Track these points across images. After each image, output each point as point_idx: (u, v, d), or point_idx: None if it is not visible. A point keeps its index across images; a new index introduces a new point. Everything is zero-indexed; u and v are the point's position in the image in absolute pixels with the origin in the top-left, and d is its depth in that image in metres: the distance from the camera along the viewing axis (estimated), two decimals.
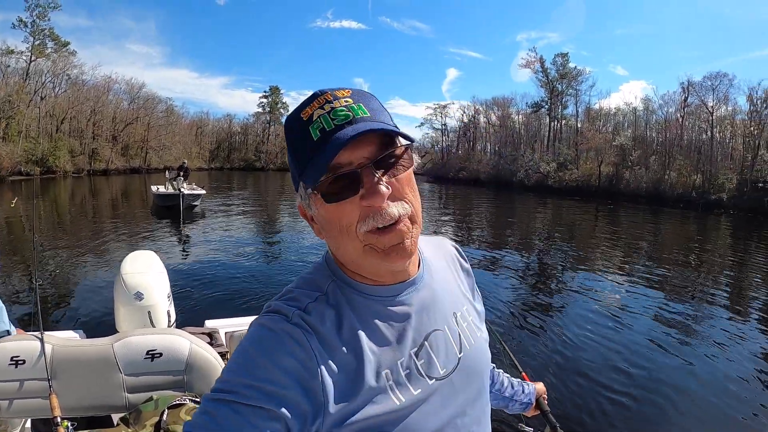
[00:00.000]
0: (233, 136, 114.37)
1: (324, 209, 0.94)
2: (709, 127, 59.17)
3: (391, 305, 1.02)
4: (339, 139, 0.87)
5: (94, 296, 9.37)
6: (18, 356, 2.74)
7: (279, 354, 0.88)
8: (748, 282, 14.51)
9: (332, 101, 0.92)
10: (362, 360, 0.93)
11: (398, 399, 0.95)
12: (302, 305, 0.95)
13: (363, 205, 0.90)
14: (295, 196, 0.99)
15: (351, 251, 0.96)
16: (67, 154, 60.63)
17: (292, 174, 0.99)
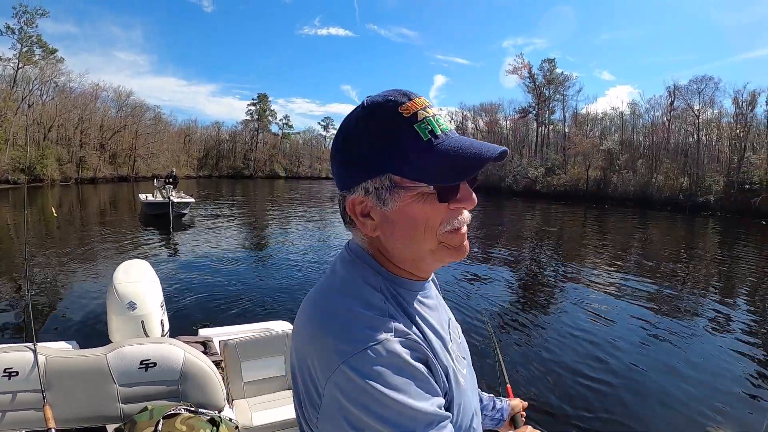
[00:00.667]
0: (221, 144, 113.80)
1: (410, 207, 0.96)
2: (695, 131, 59.68)
3: (424, 297, 1.08)
4: (489, 151, 0.93)
5: (87, 306, 9.25)
6: (11, 368, 2.73)
7: (421, 372, 0.89)
8: (735, 283, 14.63)
9: (428, 107, 0.98)
10: (434, 347, 0.99)
11: (463, 377, 1.07)
12: (392, 316, 0.95)
13: (451, 208, 0.98)
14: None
15: (425, 248, 0.99)
16: (54, 163, 60.13)
17: (367, 164, 0.97)
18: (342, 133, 1.01)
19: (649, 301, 11.37)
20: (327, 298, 1.00)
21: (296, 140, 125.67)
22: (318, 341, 0.91)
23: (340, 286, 1.01)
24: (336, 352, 0.87)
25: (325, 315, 0.95)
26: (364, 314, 0.92)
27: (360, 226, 1.01)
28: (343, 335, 0.89)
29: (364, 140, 0.97)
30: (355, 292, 0.98)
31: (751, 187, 47.37)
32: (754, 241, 26.65)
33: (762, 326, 10.05)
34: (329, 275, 1.06)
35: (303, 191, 63.62)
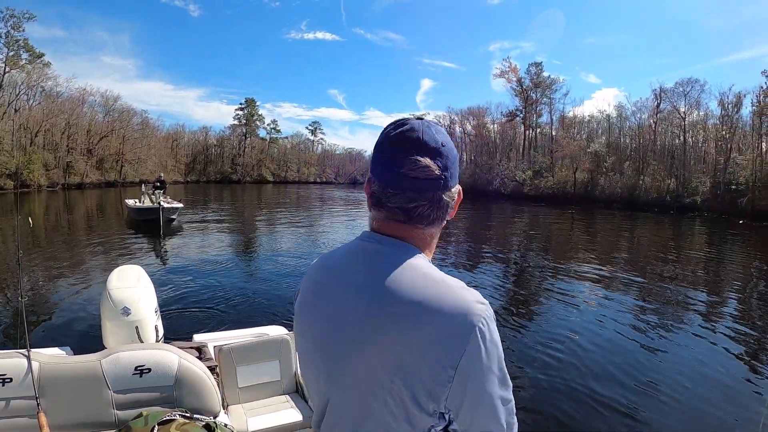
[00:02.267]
0: (209, 149, 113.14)
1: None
2: (681, 132, 60.22)
3: None
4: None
5: (81, 312, 9.17)
6: (4, 374, 2.71)
7: None
8: (723, 282, 14.73)
9: None
10: None
11: None
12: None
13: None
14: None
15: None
16: (41, 168, 59.67)
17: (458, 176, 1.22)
18: (444, 137, 1.17)
19: (638, 302, 11.44)
20: (428, 279, 1.08)
21: (284, 145, 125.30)
22: (468, 306, 1.03)
23: (428, 271, 1.11)
24: (469, 312, 1.02)
25: (441, 292, 1.05)
26: (466, 288, 1.09)
27: (451, 215, 1.22)
28: (468, 296, 1.06)
29: (454, 151, 1.18)
30: (440, 274, 1.11)
31: (738, 188, 47.82)
32: (740, 241, 26.91)
33: (750, 323, 10.12)
34: (414, 267, 1.11)
35: (291, 196, 63.54)
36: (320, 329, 1.17)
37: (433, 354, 1.00)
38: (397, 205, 1.14)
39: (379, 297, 1.06)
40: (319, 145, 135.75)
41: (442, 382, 1.01)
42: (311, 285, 1.24)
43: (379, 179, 1.16)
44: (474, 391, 1.03)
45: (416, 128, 1.15)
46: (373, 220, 1.22)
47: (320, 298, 1.19)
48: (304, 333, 1.23)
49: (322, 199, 57.04)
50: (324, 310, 1.17)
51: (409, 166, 1.11)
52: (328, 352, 1.13)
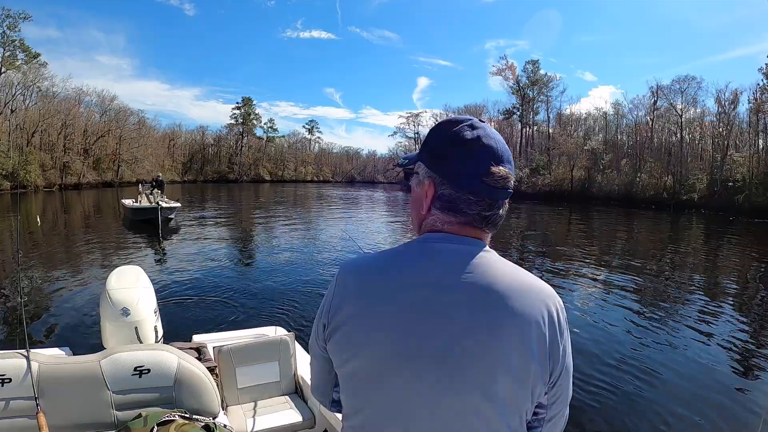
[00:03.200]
0: (206, 148, 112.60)
1: None
2: (678, 130, 60.27)
3: None
4: None
5: (80, 312, 9.18)
6: (4, 375, 2.70)
7: None
8: (720, 279, 14.76)
9: None
10: None
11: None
12: None
13: None
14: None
15: None
16: (38, 169, 59.51)
17: None
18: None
19: (635, 299, 11.47)
20: (512, 269, 1.13)
21: (281, 144, 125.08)
22: (547, 292, 1.11)
23: (510, 263, 1.16)
24: (555, 295, 1.13)
25: (526, 276, 1.13)
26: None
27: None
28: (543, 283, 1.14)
29: None
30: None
31: (735, 185, 47.90)
32: (738, 238, 26.95)
33: (748, 322, 10.14)
34: (493, 262, 1.13)
35: (289, 195, 63.44)
36: (411, 335, 1.07)
37: (547, 340, 1.07)
38: (477, 212, 1.15)
39: (491, 295, 1.06)
40: (316, 144, 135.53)
41: (551, 365, 1.09)
42: (372, 291, 1.13)
43: (455, 184, 1.15)
44: (567, 365, 1.14)
45: (490, 134, 1.18)
46: (442, 223, 1.18)
47: (394, 304, 1.10)
48: (372, 343, 1.11)
49: (319, 198, 57.01)
50: (408, 315, 1.08)
51: (492, 176, 1.13)
52: (436, 357, 1.05)
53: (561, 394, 1.15)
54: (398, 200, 55.77)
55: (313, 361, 1.37)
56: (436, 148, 1.20)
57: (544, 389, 1.09)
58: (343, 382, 1.21)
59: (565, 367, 1.13)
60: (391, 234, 24.33)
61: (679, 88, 60.09)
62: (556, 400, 1.14)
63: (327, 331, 1.20)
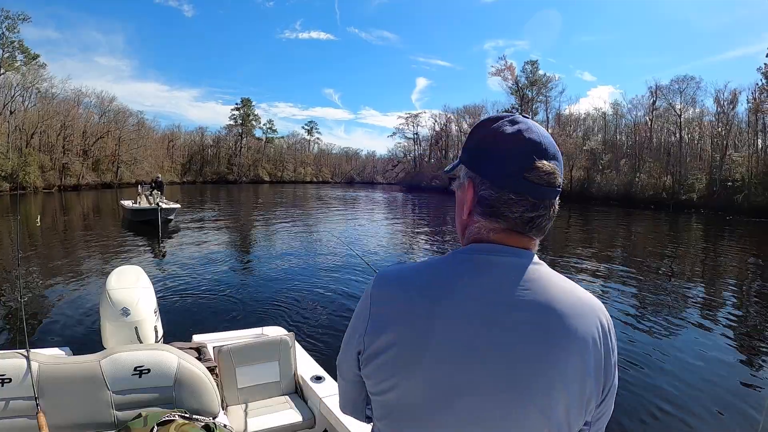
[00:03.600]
0: (205, 149, 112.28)
1: None
2: (677, 130, 60.30)
3: None
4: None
5: (80, 312, 9.20)
6: (4, 375, 2.69)
7: None
8: (720, 279, 14.75)
9: None
10: None
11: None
12: None
13: None
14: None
15: None
16: (37, 170, 59.45)
17: None
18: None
19: (634, 299, 11.48)
20: (567, 284, 1.06)
21: (280, 144, 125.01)
22: (598, 306, 1.07)
23: (563, 278, 1.08)
24: (601, 307, 1.07)
25: (580, 291, 1.06)
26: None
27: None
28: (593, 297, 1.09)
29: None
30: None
31: (734, 185, 47.97)
32: (737, 237, 26.98)
33: (747, 320, 10.16)
34: (548, 277, 1.06)
35: (288, 195, 63.42)
36: (469, 363, 0.99)
37: (602, 357, 1.04)
38: (519, 214, 1.06)
39: (551, 315, 1.00)
40: (315, 145, 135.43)
41: (604, 381, 1.05)
42: (419, 313, 1.02)
43: (495, 182, 1.06)
44: (615, 380, 1.09)
45: (533, 128, 1.08)
46: (487, 231, 1.09)
47: (447, 329, 1.00)
48: (423, 374, 1.01)
49: (319, 199, 56.99)
50: (464, 341, 0.99)
51: (536, 171, 1.04)
52: (497, 386, 0.98)
53: (607, 410, 1.11)
54: (397, 201, 55.79)
55: (342, 382, 1.27)
56: (474, 147, 1.13)
57: (595, 406, 1.05)
58: (381, 410, 1.11)
59: (614, 383, 1.08)
60: (391, 235, 24.34)
61: (678, 88, 60.29)
62: (601, 416, 1.10)
63: (363, 357, 1.11)
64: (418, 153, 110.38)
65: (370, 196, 64.45)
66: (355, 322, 1.15)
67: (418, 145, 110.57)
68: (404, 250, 19.46)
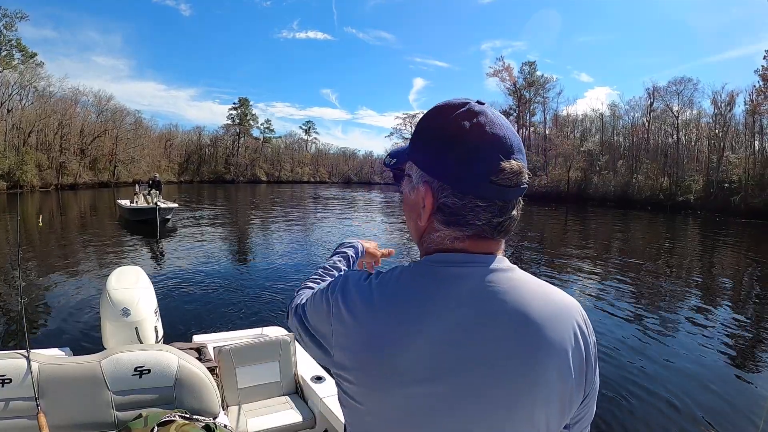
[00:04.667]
0: (203, 149, 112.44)
1: None
2: (675, 131, 60.43)
3: None
4: None
5: (80, 313, 9.17)
6: (4, 375, 2.69)
7: None
8: (717, 280, 14.78)
9: None
10: None
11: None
12: None
13: None
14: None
15: None
16: (34, 169, 59.32)
17: None
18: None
19: (632, 300, 11.48)
20: (540, 288, 0.99)
21: (278, 144, 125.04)
22: (574, 307, 1.00)
23: (539, 281, 1.02)
24: (576, 307, 1.01)
25: (555, 294, 1.00)
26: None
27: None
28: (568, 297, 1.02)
29: None
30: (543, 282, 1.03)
31: (731, 186, 48.08)
32: (734, 238, 27.03)
33: (746, 320, 10.17)
34: (521, 284, 0.98)
35: (285, 195, 63.42)
36: (444, 386, 0.91)
37: (583, 360, 0.99)
38: (487, 220, 0.97)
39: (528, 326, 0.93)
40: (312, 145, 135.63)
41: (585, 385, 1.01)
42: (386, 336, 0.94)
43: (459, 189, 0.96)
44: (596, 381, 1.05)
45: (495, 120, 0.97)
46: (451, 240, 1.00)
47: (419, 351, 0.92)
48: (393, 398, 0.94)
49: (316, 199, 56.99)
50: (439, 362, 0.91)
51: (502, 174, 0.94)
52: (476, 406, 0.91)
53: (588, 412, 1.06)
54: (394, 201, 55.77)
55: (309, 309, 1.14)
56: (430, 145, 0.99)
57: (576, 410, 1.00)
58: (353, 424, 1.04)
59: (595, 385, 1.03)
60: (388, 234, 24.32)
61: (676, 89, 60.45)
62: (581, 418, 1.05)
63: (334, 366, 1.03)
64: None
65: (367, 197, 64.45)
66: (319, 313, 1.07)
67: None
68: (402, 249, 19.44)
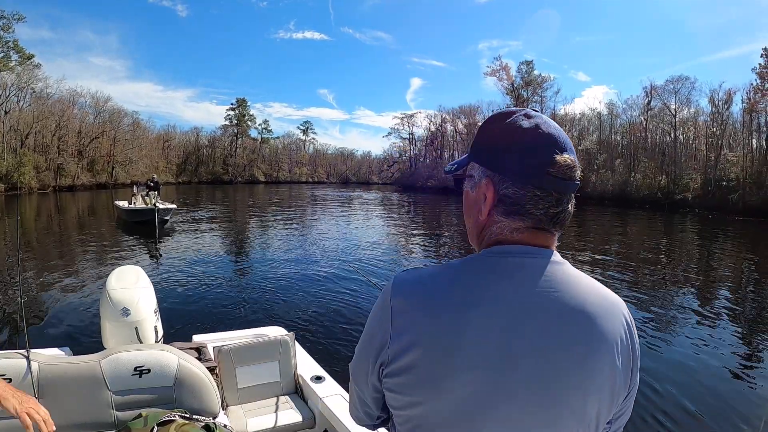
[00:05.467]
0: (200, 150, 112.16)
1: None
2: (672, 129, 60.46)
3: None
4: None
5: (80, 313, 9.21)
6: (4, 375, 2.68)
7: None
8: (715, 277, 14.79)
9: None
10: None
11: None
12: None
13: None
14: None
15: None
16: (32, 170, 59.19)
17: None
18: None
19: (630, 300, 11.46)
20: (591, 282, 1.04)
21: (276, 145, 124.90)
22: (622, 304, 1.05)
23: (584, 276, 1.05)
24: (623, 304, 1.06)
25: (604, 290, 1.05)
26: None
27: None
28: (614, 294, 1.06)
29: None
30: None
31: (728, 184, 48.14)
32: (732, 236, 27.07)
33: (745, 320, 10.18)
34: (574, 277, 1.03)
35: (284, 196, 63.39)
36: (506, 372, 0.94)
37: (629, 354, 1.03)
38: (545, 210, 1.02)
39: (582, 317, 0.98)
40: (310, 145, 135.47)
41: (631, 378, 1.06)
42: (450, 324, 0.95)
43: (518, 180, 1.02)
44: (636, 380, 1.09)
45: (548, 122, 1.08)
46: (510, 231, 1.04)
47: (481, 339, 0.94)
48: (457, 388, 0.95)
49: (315, 199, 56.98)
50: (500, 350, 0.94)
51: (557, 166, 1.01)
52: (534, 395, 0.94)
53: (627, 408, 1.10)
54: (392, 201, 55.78)
55: (356, 389, 1.18)
56: (491, 143, 1.08)
57: (621, 404, 1.05)
58: (405, 425, 1.04)
59: (636, 381, 1.08)
60: (387, 233, 24.33)
61: (673, 88, 60.50)
62: (621, 414, 1.09)
63: (387, 370, 1.03)
64: (413, 153, 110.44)
65: (366, 197, 64.43)
66: (374, 330, 1.07)
67: (414, 145, 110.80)
68: (401, 248, 19.45)
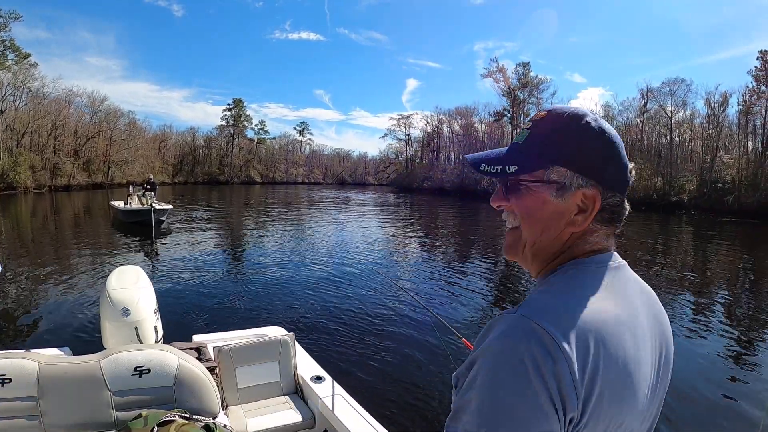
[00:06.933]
0: (197, 150, 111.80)
1: None
2: (668, 131, 60.56)
3: None
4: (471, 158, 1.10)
5: (80, 313, 9.17)
6: (4, 375, 2.68)
7: None
8: (711, 280, 14.82)
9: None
10: None
11: None
12: None
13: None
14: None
15: None
16: (28, 170, 58.99)
17: None
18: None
19: None
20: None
21: (272, 145, 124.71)
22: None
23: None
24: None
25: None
26: None
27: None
28: None
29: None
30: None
31: (724, 186, 48.29)
32: (727, 238, 27.18)
33: (744, 319, 10.21)
34: (645, 285, 1.07)
35: (280, 196, 63.36)
36: (645, 384, 0.93)
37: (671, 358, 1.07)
38: (625, 214, 1.06)
39: (662, 324, 1.04)
40: (306, 146, 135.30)
41: (669, 376, 1.08)
42: (612, 353, 0.85)
43: (619, 189, 1.02)
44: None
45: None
46: (605, 237, 1.03)
47: (634, 360, 0.89)
48: (626, 413, 0.88)
49: (311, 200, 56.97)
50: (642, 366, 0.91)
51: (630, 171, 1.06)
52: (650, 405, 0.97)
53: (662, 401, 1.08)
54: (389, 202, 55.82)
55: None
56: (590, 150, 0.99)
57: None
58: None
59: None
60: (386, 233, 24.31)
61: (669, 90, 60.55)
62: (659, 406, 1.08)
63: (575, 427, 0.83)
64: (409, 154, 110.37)
65: (362, 198, 64.44)
66: (534, 398, 0.77)
67: (410, 146, 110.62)
68: (401, 248, 19.46)
